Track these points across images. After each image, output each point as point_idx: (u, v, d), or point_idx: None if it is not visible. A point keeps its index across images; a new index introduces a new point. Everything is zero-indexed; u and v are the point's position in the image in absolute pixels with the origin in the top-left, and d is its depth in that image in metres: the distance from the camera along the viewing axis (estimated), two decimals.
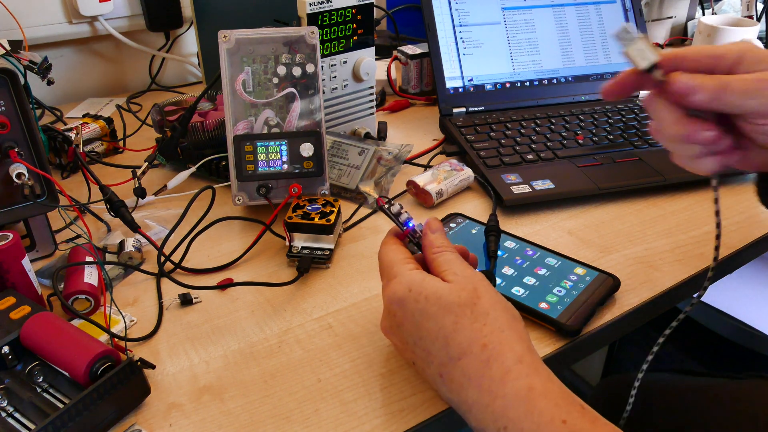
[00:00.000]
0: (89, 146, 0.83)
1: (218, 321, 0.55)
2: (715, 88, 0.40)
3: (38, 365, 0.46)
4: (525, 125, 0.85)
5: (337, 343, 0.52)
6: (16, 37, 0.84)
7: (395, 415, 0.46)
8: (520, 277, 0.57)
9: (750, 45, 0.42)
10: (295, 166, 0.66)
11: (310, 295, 0.58)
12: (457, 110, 0.88)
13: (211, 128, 0.75)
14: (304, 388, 0.48)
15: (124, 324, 0.54)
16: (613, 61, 0.95)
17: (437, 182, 0.72)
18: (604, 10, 0.95)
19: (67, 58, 1.06)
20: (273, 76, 0.65)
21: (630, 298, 0.57)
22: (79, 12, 0.99)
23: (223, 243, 0.66)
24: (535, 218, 0.69)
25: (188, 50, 1.17)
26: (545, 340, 0.52)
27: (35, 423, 0.42)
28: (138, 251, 0.62)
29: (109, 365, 0.44)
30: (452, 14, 0.89)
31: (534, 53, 0.92)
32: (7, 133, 0.56)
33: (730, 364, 1.08)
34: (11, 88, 0.56)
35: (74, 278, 0.55)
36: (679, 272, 0.60)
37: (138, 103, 1.04)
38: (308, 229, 0.62)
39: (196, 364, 0.50)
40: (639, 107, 0.92)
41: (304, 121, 0.66)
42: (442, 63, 0.88)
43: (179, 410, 0.46)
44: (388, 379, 0.49)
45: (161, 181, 0.74)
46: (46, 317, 0.48)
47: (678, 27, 1.32)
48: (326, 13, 0.73)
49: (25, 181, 0.56)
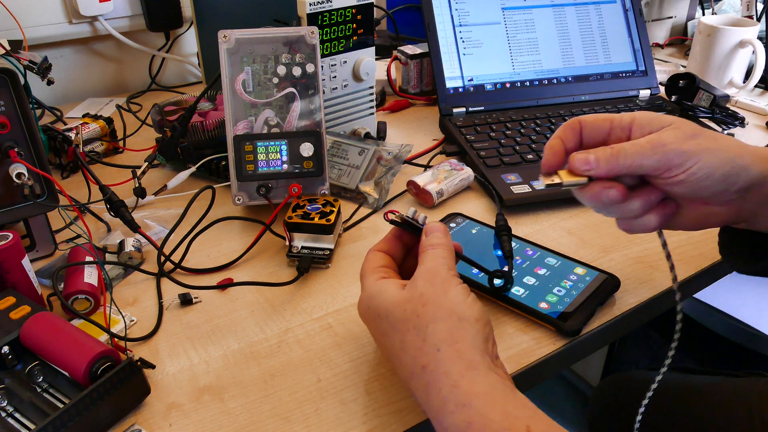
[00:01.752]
0: (89, 146, 0.83)
1: (218, 321, 0.55)
2: (611, 156, 0.43)
3: (38, 365, 0.46)
4: (525, 125, 0.85)
5: (337, 343, 0.52)
6: (16, 37, 0.84)
7: (395, 415, 0.46)
8: (520, 277, 0.57)
9: (640, 112, 0.46)
10: (295, 166, 0.66)
11: (310, 295, 0.58)
12: (457, 110, 0.88)
13: (211, 128, 0.75)
14: (304, 388, 0.48)
15: (124, 324, 0.54)
16: (613, 60, 0.95)
17: (437, 182, 0.72)
18: (604, 10, 0.95)
19: (67, 58, 1.06)
20: (273, 76, 0.65)
21: (630, 298, 0.57)
22: (79, 12, 0.99)
23: (223, 243, 0.66)
24: (535, 218, 0.69)
25: (188, 50, 1.17)
26: (545, 340, 0.52)
27: (35, 423, 0.42)
28: (138, 251, 0.62)
29: (109, 365, 0.44)
30: (452, 14, 0.89)
31: (534, 53, 0.92)
32: (7, 133, 0.56)
33: (728, 362, 1.08)
34: (11, 88, 0.56)
35: (74, 278, 0.55)
36: (679, 272, 0.60)
37: (138, 103, 1.04)
38: (308, 229, 0.62)
39: (196, 364, 0.50)
40: (639, 107, 0.92)
41: (304, 121, 0.66)
42: (442, 63, 0.88)
43: (179, 410, 0.46)
44: (388, 379, 0.49)
45: (161, 181, 0.74)
46: (46, 317, 0.48)
47: (678, 27, 1.32)
48: (326, 13, 0.73)
49: (25, 181, 0.56)
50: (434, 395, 0.39)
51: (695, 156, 0.42)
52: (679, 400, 0.72)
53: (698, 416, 0.69)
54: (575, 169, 0.45)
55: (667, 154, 0.43)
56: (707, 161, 0.42)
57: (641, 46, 0.96)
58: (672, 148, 0.42)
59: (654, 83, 0.96)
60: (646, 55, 0.96)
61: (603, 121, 0.46)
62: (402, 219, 0.48)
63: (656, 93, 0.96)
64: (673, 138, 0.43)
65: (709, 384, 0.73)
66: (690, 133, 0.43)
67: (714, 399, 0.70)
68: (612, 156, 0.43)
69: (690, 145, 0.43)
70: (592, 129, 0.46)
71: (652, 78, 0.96)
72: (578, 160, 0.44)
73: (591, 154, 0.44)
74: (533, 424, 0.36)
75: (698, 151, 0.43)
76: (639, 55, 0.96)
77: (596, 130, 0.46)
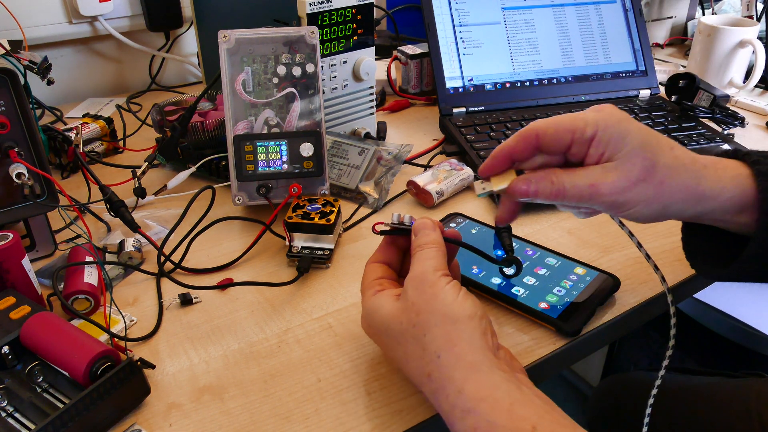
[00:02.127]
0: (89, 146, 0.83)
1: (218, 321, 0.55)
2: (551, 193, 0.45)
3: (38, 365, 0.46)
4: (525, 125, 0.85)
5: (337, 343, 0.52)
6: (16, 37, 0.84)
7: (395, 415, 0.46)
8: (520, 277, 0.57)
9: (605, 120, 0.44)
10: (295, 166, 0.66)
11: (310, 295, 0.58)
12: (457, 110, 0.88)
13: (211, 128, 0.75)
14: (304, 388, 0.48)
15: (124, 324, 0.54)
16: (613, 60, 0.95)
17: (437, 182, 0.72)
18: (604, 10, 0.95)
19: (67, 58, 1.06)
20: (273, 76, 0.65)
21: (630, 298, 0.57)
22: (79, 12, 0.99)
23: (223, 243, 0.66)
24: (535, 218, 0.69)
25: (188, 50, 1.17)
26: (545, 340, 0.52)
27: (35, 423, 0.42)
28: (138, 251, 0.62)
29: (109, 365, 0.44)
30: (452, 14, 0.89)
31: (534, 53, 0.92)
32: (7, 133, 0.56)
33: (728, 362, 1.08)
34: (11, 88, 0.56)
35: (74, 278, 0.55)
36: (679, 272, 0.60)
37: (138, 103, 1.04)
38: (308, 229, 0.62)
39: (196, 364, 0.50)
40: (639, 107, 0.92)
41: (304, 121, 0.66)
42: (442, 63, 0.88)
43: (179, 410, 0.46)
44: (388, 378, 0.49)
45: (161, 181, 0.74)
46: (46, 317, 0.48)
47: (678, 27, 1.32)
48: (326, 13, 0.73)
49: (25, 181, 0.56)
50: (443, 401, 0.39)
51: (629, 205, 0.44)
52: (677, 401, 0.72)
53: (697, 417, 0.69)
54: (514, 193, 0.46)
55: (603, 204, 0.44)
56: (640, 211, 0.45)
57: (641, 46, 0.96)
58: (607, 200, 0.44)
59: (654, 83, 0.96)
60: (646, 55, 0.96)
61: (564, 133, 0.44)
62: (390, 226, 0.48)
63: (656, 93, 0.96)
64: (611, 189, 0.43)
65: (707, 384, 0.73)
66: (635, 177, 0.43)
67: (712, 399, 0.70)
68: (551, 193, 0.45)
69: (627, 197, 0.44)
70: (552, 142, 0.45)
71: (652, 78, 0.96)
72: (519, 191, 0.45)
73: (532, 186, 0.45)
74: (539, 422, 0.36)
75: (634, 202, 0.44)
76: (639, 55, 0.96)
77: (556, 143, 0.45)
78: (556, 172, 0.45)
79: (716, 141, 0.83)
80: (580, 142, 0.44)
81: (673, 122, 0.88)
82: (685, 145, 0.82)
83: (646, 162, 0.43)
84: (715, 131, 0.85)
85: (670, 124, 0.87)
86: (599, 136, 0.44)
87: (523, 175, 0.46)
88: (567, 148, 0.45)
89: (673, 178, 0.44)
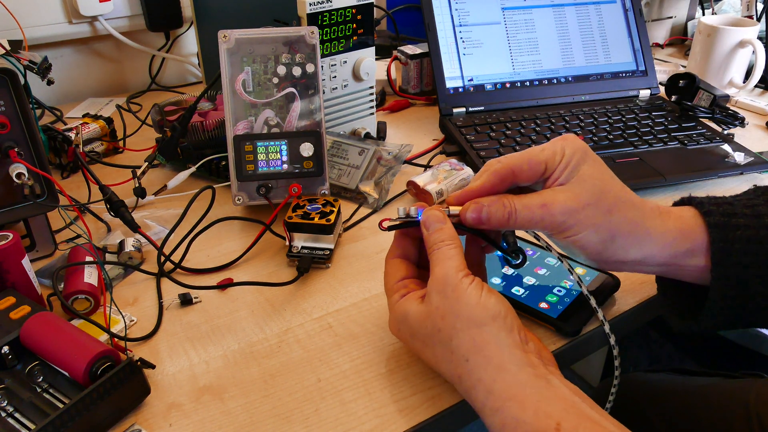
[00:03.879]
0: (89, 146, 0.83)
1: (218, 321, 0.55)
2: (502, 217, 0.45)
3: (38, 365, 0.46)
4: (525, 125, 0.85)
5: (337, 343, 0.52)
6: (16, 37, 0.84)
7: (395, 415, 0.46)
8: (520, 277, 0.57)
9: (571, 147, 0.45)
10: (295, 166, 0.66)
11: (310, 295, 0.58)
12: (457, 110, 0.88)
13: (211, 128, 0.75)
14: (304, 388, 0.48)
15: (124, 324, 0.54)
16: (613, 60, 0.95)
17: (437, 182, 0.72)
18: (604, 10, 0.95)
19: (67, 58, 1.06)
20: (273, 76, 0.65)
21: (630, 298, 0.57)
22: (79, 12, 0.99)
23: (223, 243, 0.66)
24: None
25: (188, 50, 1.17)
26: (545, 340, 0.52)
27: (35, 423, 0.42)
28: (138, 251, 0.62)
29: (109, 365, 0.44)
30: (452, 14, 0.89)
31: (534, 53, 0.92)
32: (7, 133, 0.56)
33: (727, 362, 1.08)
34: (11, 88, 0.56)
35: (74, 278, 0.55)
36: None
37: (138, 103, 1.04)
38: (308, 229, 0.62)
39: (195, 364, 0.50)
40: (639, 107, 0.92)
41: (304, 121, 0.66)
42: (442, 63, 0.88)
43: (179, 410, 0.46)
44: (388, 379, 0.49)
45: (161, 181, 0.74)
46: (46, 317, 0.48)
47: (678, 27, 1.32)
48: (326, 13, 0.73)
49: (25, 181, 0.56)
50: (475, 400, 0.41)
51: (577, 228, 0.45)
52: (676, 401, 0.71)
53: (695, 417, 0.68)
54: (465, 221, 0.46)
55: (552, 224, 0.45)
56: (588, 237, 0.45)
57: (641, 46, 0.96)
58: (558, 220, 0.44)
59: (654, 83, 0.96)
60: (646, 55, 0.96)
61: (538, 165, 0.45)
62: (398, 221, 0.48)
63: (656, 93, 0.96)
64: (561, 209, 0.44)
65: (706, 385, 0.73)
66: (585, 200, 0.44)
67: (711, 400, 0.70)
68: (503, 218, 0.45)
69: (576, 218, 0.44)
70: (528, 176, 0.46)
71: (652, 78, 0.96)
72: (471, 218, 0.46)
73: (484, 211, 0.45)
74: (565, 418, 0.37)
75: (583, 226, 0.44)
76: (639, 55, 0.96)
77: (531, 176, 0.46)
78: (507, 196, 0.46)
79: (716, 141, 0.83)
80: (551, 169, 0.46)
81: (673, 122, 0.88)
82: (686, 145, 0.82)
83: (595, 188, 0.45)
84: (715, 131, 0.85)
85: (670, 124, 0.87)
86: (563, 162, 0.45)
87: (473, 200, 0.46)
88: (541, 176, 0.46)
89: (620, 209, 0.45)
